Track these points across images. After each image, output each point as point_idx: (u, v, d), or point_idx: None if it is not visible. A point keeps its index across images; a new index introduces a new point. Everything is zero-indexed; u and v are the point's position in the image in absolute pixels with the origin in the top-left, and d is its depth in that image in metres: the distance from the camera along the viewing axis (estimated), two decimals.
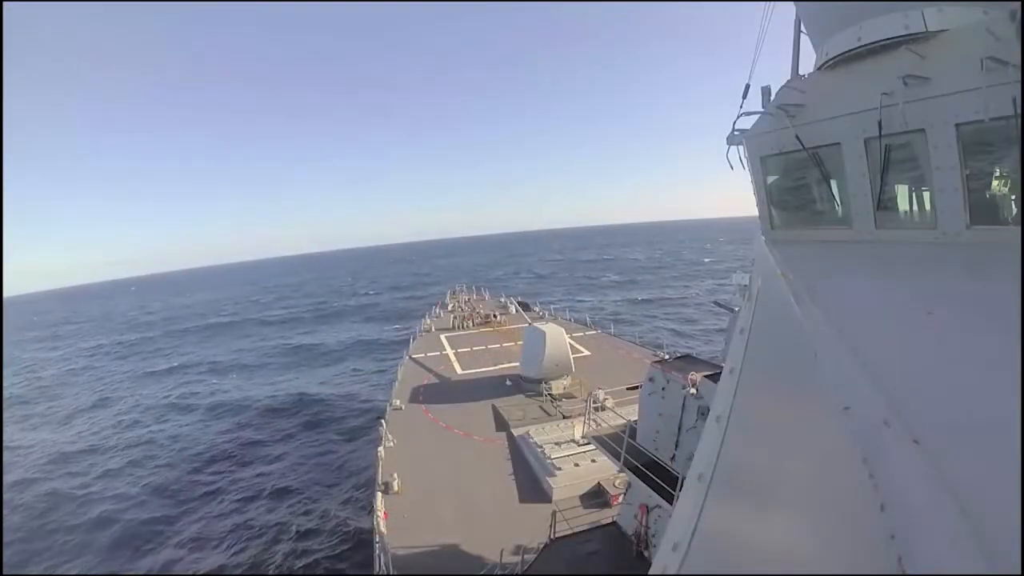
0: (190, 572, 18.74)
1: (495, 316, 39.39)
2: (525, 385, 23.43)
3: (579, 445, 16.37)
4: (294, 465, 26.42)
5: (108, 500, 24.40)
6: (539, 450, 16.63)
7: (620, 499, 13.16)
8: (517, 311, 38.32)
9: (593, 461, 15.31)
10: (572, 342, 26.76)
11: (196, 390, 42.35)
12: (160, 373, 51.36)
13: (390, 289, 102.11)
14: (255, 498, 23.41)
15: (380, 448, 17.61)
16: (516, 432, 18.63)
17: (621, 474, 11.35)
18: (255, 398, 38.04)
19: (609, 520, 12.65)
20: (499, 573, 11.41)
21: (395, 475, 15.59)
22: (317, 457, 27.09)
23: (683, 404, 10.79)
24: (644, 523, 11.28)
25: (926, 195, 4.77)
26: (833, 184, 5.39)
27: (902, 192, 5.16)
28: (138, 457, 29.23)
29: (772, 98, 5.58)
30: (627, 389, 13.03)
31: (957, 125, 4.14)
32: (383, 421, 19.85)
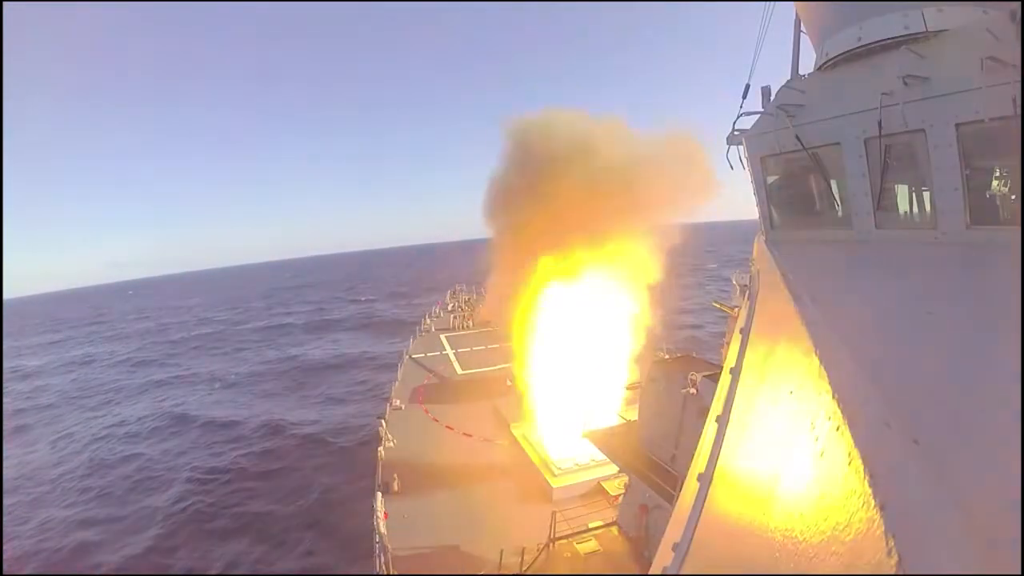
0: (189, 572, 18.73)
1: None
2: None
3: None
4: (291, 467, 25.80)
5: (93, 525, 22.89)
6: (539, 450, 16.62)
7: (620, 499, 13.15)
8: None
9: (593, 461, 15.31)
10: None
11: (182, 402, 40.07)
12: (148, 384, 48.95)
13: (388, 296, 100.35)
14: (251, 502, 22.96)
15: (380, 448, 17.60)
16: (516, 432, 18.63)
17: (621, 474, 11.34)
18: (246, 408, 36.47)
19: (609, 520, 12.65)
20: (499, 573, 11.40)
21: (395, 475, 15.60)
22: (316, 459, 26.53)
23: (683, 404, 10.79)
24: (644, 523, 11.28)
25: (926, 195, 4.77)
26: (833, 184, 5.38)
27: (902, 192, 5.16)
28: (132, 474, 27.72)
29: (772, 98, 5.58)
30: (627, 389, 13.03)
31: (957, 125, 4.13)
32: (383, 421, 19.83)
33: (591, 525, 12.52)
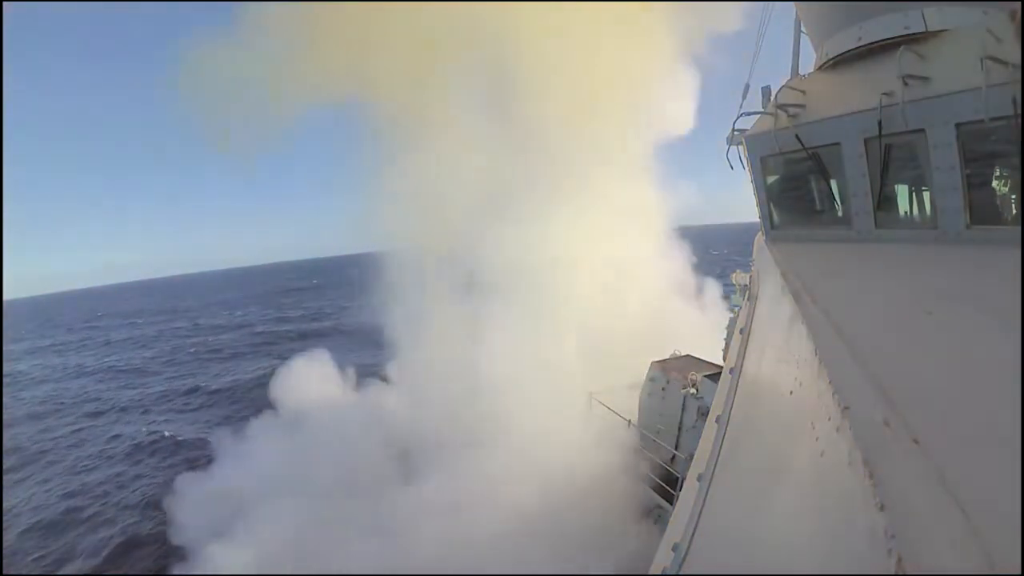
0: (188, 572, 18.61)
1: None
2: None
3: None
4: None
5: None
6: None
7: None
8: None
9: None
10: None
11: (170, 416, 34.25)
12: (135, 395, 42.93)
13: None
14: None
15: None
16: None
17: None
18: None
19: None
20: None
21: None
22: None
23: (683, 404, 10.80)
24: None
25: (926, 195, 4.77)
26: (833, 184, 5.39)
27: (902, 192, 5.17)
28: (101, 495, 22.80)
29: (772, 98, 5.58)
30: (627, 388, 13.05)
31: (957, 125, 4.14)
32: None
33: None
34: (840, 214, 5.37)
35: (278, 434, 19.91)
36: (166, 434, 31.99)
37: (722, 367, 7.84)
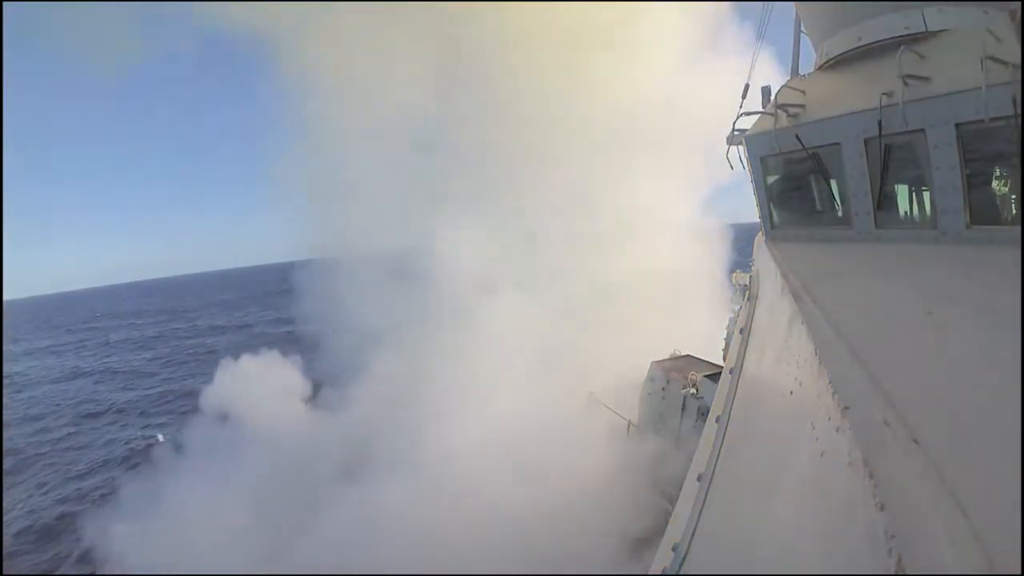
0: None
1: None
2: None
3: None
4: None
5: None
6: None
7: None
8: None
9: None
10: None
11: (165, 424, 32.80)
12: (131, 400, 42.90)
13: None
14: None
15: None
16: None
17: None
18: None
19: None
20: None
21: None
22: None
23: (683, 404, 10.81)
24: None
25: (926, 195, 4.77)
26: (833, 184, 5.39)
27: (902, 192, 5.17)
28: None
29: (772, 98, 5.59)
30: (627, 389, 13.05)
31: (957, 125, 4.14)
32: None
33: None
34: (840, 214, 5.37)
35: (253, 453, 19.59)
36: (160, 438, 31.30)
37: (722, 367, 7.84)
